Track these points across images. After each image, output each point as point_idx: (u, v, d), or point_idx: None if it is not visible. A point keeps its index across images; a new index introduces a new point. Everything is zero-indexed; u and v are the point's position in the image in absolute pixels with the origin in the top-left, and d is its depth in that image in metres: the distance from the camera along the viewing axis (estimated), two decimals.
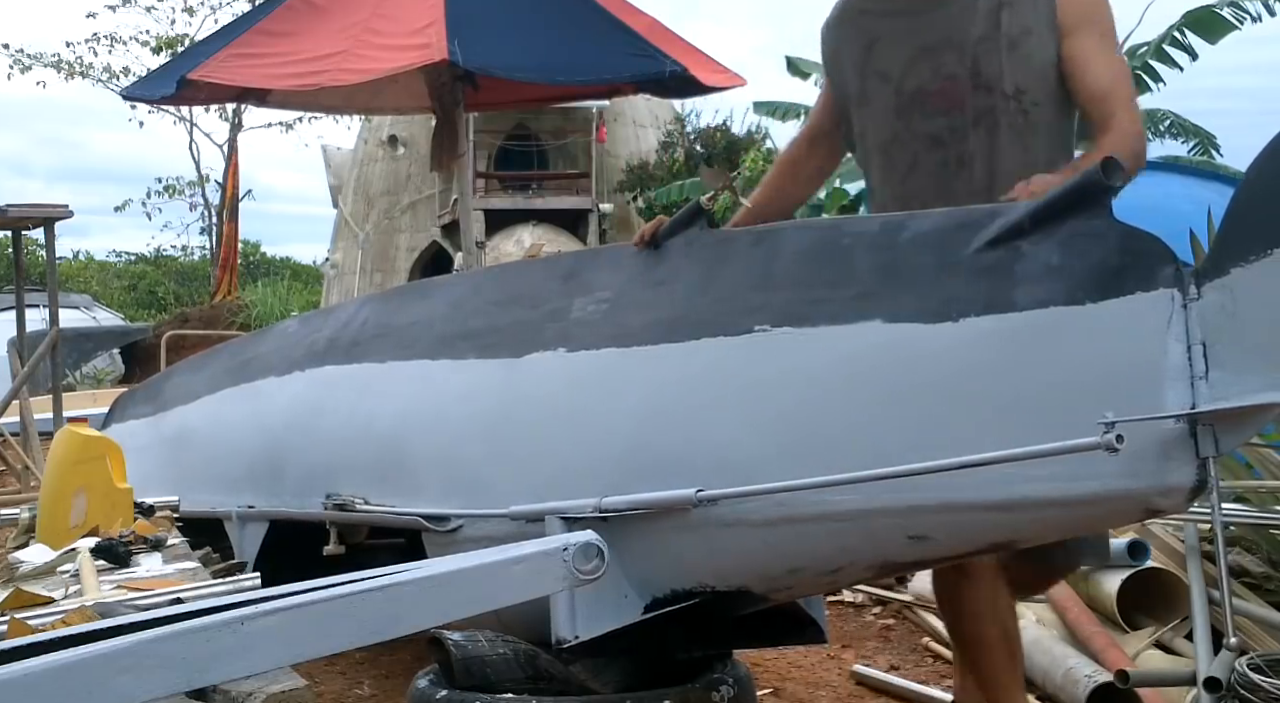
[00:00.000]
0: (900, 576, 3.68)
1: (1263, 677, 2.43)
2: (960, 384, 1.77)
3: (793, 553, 2.04)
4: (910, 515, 1.85)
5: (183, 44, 22.34)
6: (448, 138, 6.83)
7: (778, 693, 2.90)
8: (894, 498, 1.83)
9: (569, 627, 2.10)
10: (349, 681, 3.01)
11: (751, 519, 2.02)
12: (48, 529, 3.78)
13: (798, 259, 2.11)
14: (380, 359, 2.88)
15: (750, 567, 2.12)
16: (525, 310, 2.52)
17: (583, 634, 2.10)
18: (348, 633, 1.38)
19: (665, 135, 18.82)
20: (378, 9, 6.35)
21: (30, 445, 6.68)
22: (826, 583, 2.28)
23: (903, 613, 3.56)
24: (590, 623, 2.13)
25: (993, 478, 1.69)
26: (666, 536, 2.10)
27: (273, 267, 31.63)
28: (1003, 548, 1.95)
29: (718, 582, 2.15)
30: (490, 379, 2.46)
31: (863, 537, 1.95)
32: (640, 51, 6.53)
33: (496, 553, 1.45)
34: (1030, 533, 1.85)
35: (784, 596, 2.22)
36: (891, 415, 1.83)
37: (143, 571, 3.18)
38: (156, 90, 6.96)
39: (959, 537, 1.85)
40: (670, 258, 2.30)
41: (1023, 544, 1.91)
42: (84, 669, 1.27)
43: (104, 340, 17.20)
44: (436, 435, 2.53)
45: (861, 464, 1.80)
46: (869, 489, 1.82)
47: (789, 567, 2.07)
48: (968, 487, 1.73)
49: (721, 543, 2.09)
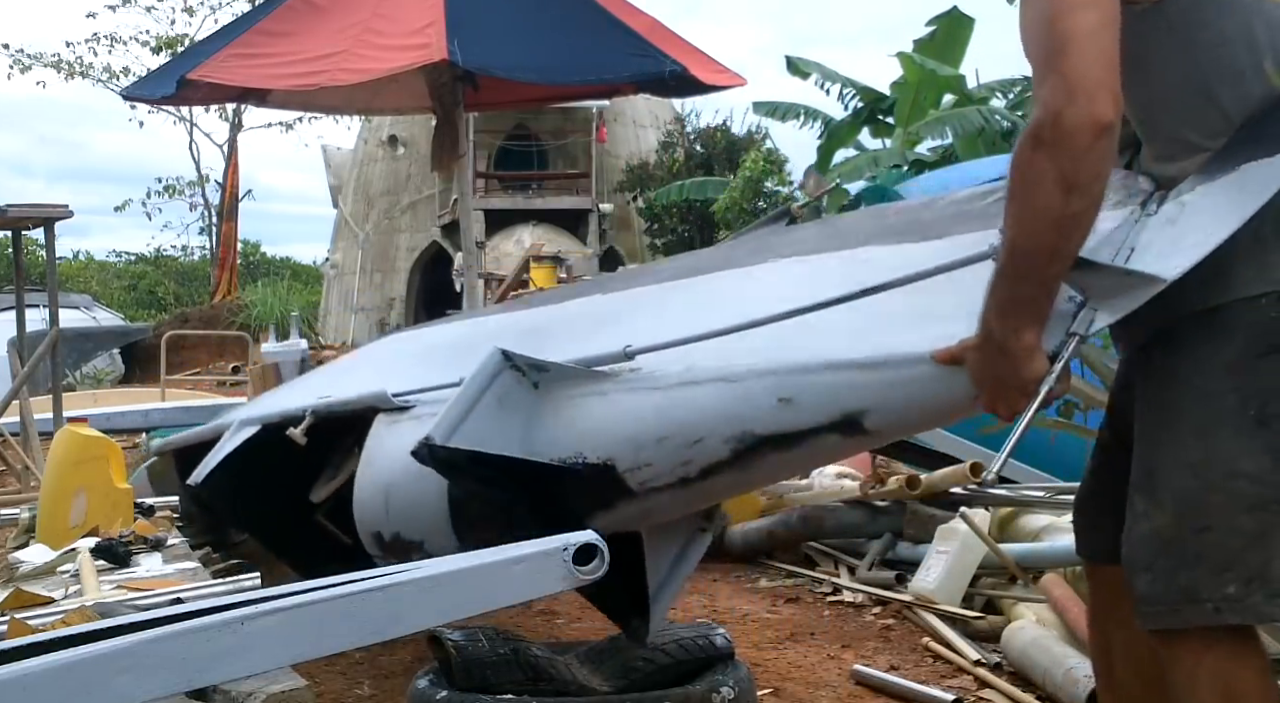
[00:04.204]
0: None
1: None
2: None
3: (669, 419, 2.21)
4: (785, 376, 2.06)
5: (183, 44, 22.34)
6: (448, 138, 6.83)
7: (778, 693, 2.90)
8: (776, 358, 2.08)
9: (445, 431, 2.28)
10: (349, 681, 3.01)
11: (656, 382, 2.25)
12: (48, 529, 3.78)
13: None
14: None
15: (625, 433, 2.27)
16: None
17: (440, 439, 2.26)
18: (348, 633, 1.38)
19: (665, 135, 18.83)
20: (378, 9, 6.35)
21: (30, 445, 6.68)
22: (681, 466, 2.28)
23: (903, 613, 3.56)
24: (470, 438, 2.30)
25: (865, 337, 1.91)
26: (578, 399, 2.35)
27: (273, 267, 31.63)
28: (860, 420, 1.99)
29: (591, 452, 2.30)
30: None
31: (738, 398, 2.12)
32: (640, 51, 6.53)
33: (496, 553, 1.45)
34: (891, 400, 1.93)
35: (641, 478, 2.28)
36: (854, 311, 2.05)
37: (143, 571, 3.18)
38: (156, 90, 6.96)
39: (819, 401, 2.01)
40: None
41: (881, 420, 1.96)
42: (84, 669, 1.27)
43: (104, 340, 17.20)
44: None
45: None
46: (762, 348, 2.10)
47: (659, 435, 2.22)
48: (841, 349, 1.97)
49: (620, 406, 2.30)
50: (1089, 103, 1.36)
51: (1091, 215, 1.43)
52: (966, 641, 3.14)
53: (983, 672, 2.92)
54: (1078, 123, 1.36)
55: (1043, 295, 1.49)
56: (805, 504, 4.48)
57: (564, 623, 3.59)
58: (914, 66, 12.29)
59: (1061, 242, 1.43)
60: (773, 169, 14.25)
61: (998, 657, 3.00)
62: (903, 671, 3.02)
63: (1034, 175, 1.40)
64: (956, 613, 3.33)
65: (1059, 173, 1.38)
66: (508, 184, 19.21)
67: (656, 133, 19.31)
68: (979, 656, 3.01)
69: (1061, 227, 1.42)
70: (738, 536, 4.45)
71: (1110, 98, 1.37)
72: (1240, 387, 1.47)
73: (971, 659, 3.00)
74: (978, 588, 3.47)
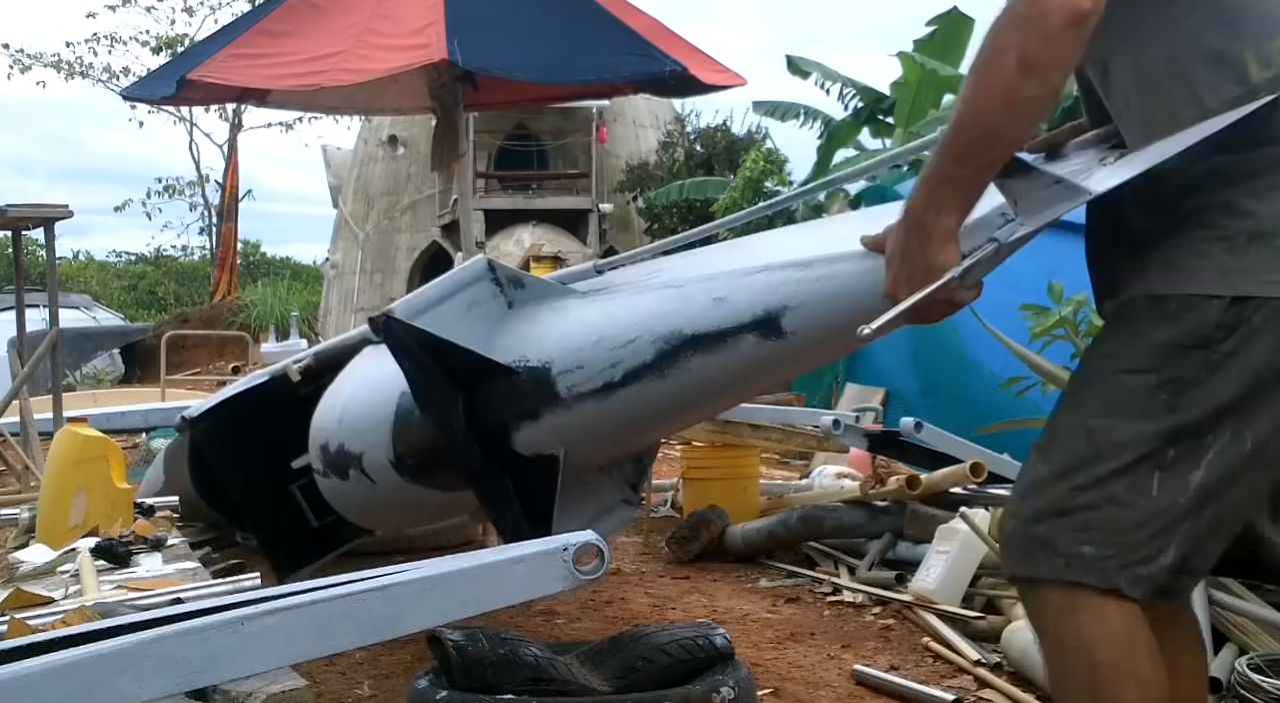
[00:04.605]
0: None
1: (1263, 677, 2.44)
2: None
3: (612, 320, 2.32)
4: (726, 278, 2.15)
5: (183, 44, 22.36)
6: (448, 138, 6.83)
7: (778, 693, 2.90)
8: (726, 267, 2.18)
9: (408, 311, 2.44)
10: (349, 681, 3.01)
11: (613, 292, 2.39)
12: (48, 529, 3.78)
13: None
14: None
15: (568, 337, 2.39)
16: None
17: (401, 315, 2.41)
18: (348, 633, 1.38)
19: (665, 135, 18.82)
20: (378, 9, 6.35)
21: (30, 445, 6.68)
22: (609, 368, 2.33)
23: (903, 613, 3.56)
24: (431, 324, 2.43)
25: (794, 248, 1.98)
26: (542, 312, 2.51)
27: (273, 267, 31.64)
28: (778, 319, 2.03)
29: (534, 355, 2.43)
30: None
31: (678, 299, 2.22)
32: (640, 51, 6.53)
33: (496, 553, 1.45)
34: (810, 296, 1.97)
35: (570, 382, 2.36)
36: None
37: (143, 571, 3.18)
38: (156, 90, 6.96)
39: (747, 298, 2.08)
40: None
41: (798, 318, 2.00)
42: (84, 669, 1.27)
43: (104, 340, 17.21)
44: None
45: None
46: (718, 263, 2.24)
47: (598, 337, 2.32)
48: (768, 256, 2.07)
49: (573, 314, 2.43)
50: None
51: (1043, 104, 1.43)
52: (966, 641, 3.14)
53: (983, 672, 2.92)
54: (1054, 5, 1.37)
55: (974, 179, 1.49)
56: (805, 505, 4.48)
57: (564, 623, 3.59)
58: (914, 66, 12.29)
59: (1008, 123, 1.44)
60: (773, 169, 14.25)
61: (998, 657, 3.00)
62: (903, 671, 3.02)
63: (998, 49, 1.41)
64: (956, 613, 3.33)
65: (1023, 50, 1.39)
66: (508, 184, 19.21)
67: (656, 133, 19.30)
68: (979, 656, 3.01)
69: (1011, 107, 1.42)
70: (738, 535, 4.45)
71: None
72: (1161, 370, 1.48)
73: (971, 659, 3.00)
74: (978, 588, 3.47)
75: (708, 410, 3.29)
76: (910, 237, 1.53)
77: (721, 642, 2.40)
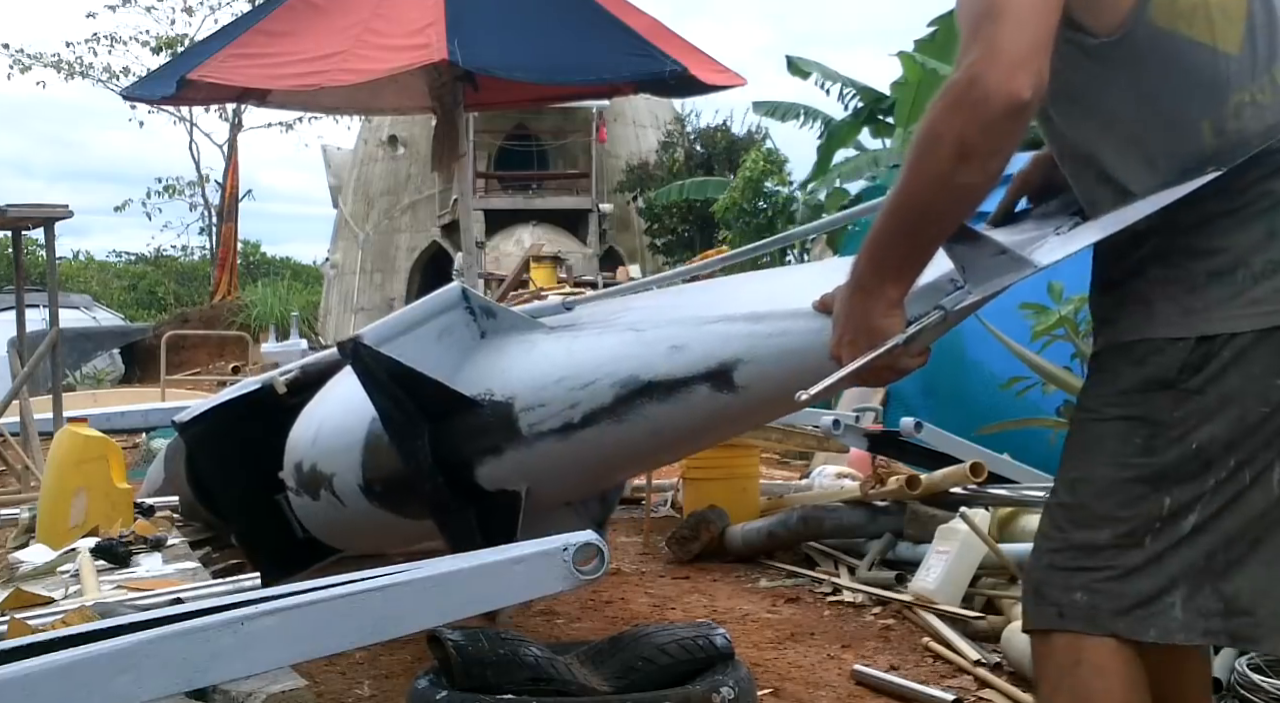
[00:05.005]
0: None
1: (1263, 677, 2.44)
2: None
3: (574, 360, 2.35)
4: (685, 326, 2.19)
5: (183, 44, 22.35)
6: (448, 138, 6.83)
7: (778, 693, 2.90)
8: (688, 315, 2.25)
9: (377, 337, 2.48)
10: (349, 681, 3.00)
11: (578, 330, 2.42)
12: (48, 529, 3.78)
13: None
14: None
15: (532, 373, 2.42)
16: None
17: (369, 341, 2.45)
18: (348, 633, 1.38)
19: (665, 135, 18.83)
20: (378, 9, 6.35)
21: (30, 445, 6.68)
22: (569, 409, 2.35)
23: (903, 613, 3.55)
24: (399, 351, 2.46)
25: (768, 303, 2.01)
26: (511, 345, 2.56)
27: (273, 267, 31.63)
28: (730, 372, 2.06)
29: (499, 389, 2.45)
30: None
31: (638, 344, 2.25)
32: (640, 51, 6.53)
33: (496, 553, 1.45)
34: (762, 351, 2.00)
35: (532, 420, 2.38)
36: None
37: (143, 571, 3.18)
38: (156, 90, 6.97)
39: (703, 349, 2.11)
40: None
41: (750, 372, 2.03)
42: (84, 669, 1.27)
43: (104, 340, 17.21)
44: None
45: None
46: (685, 307, 2.31)
47: (560, 376, 2.35)
48: (729, 305, 2.11)
49: (538, 350, 2.46)
50: (1009, 77, 1.32)
51: (981, 191, 1.40)
52: (966, 641, 3.14)
53: (983, 672, 2.92)
54: (993, 92, 1.32)
55: (915, 255, 1.48)
56: (805, 505, 4.48)
57: (564, 623, 3.59)
58: (914, 66, 12.29)
59: (944, 207, 1.42)
60: (773, 169, 14.24)
61: (998, 657, 3.00)
62: (903, 671, 3.02)
63: (935, 134, 1.37)
64: (956, 613, 3.32)
65: (959, 138, 1.35)
66: (508, 184, 19.22)
67: (656, 133, 19.31)
68: (979, 656, 3.01)
69: (947, 192, 1.39)
70: (738, 535, 4.45)
71: (1031, 79, 1.32)
72: (1130, 415, 1.48)
73: (971, 659, 3.00)
74: (978, 588, 3.47)
75: (665, 458, 3.31)
76: (855, 300, 1.52)
77: (721, 642, 2.40)
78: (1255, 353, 1.42)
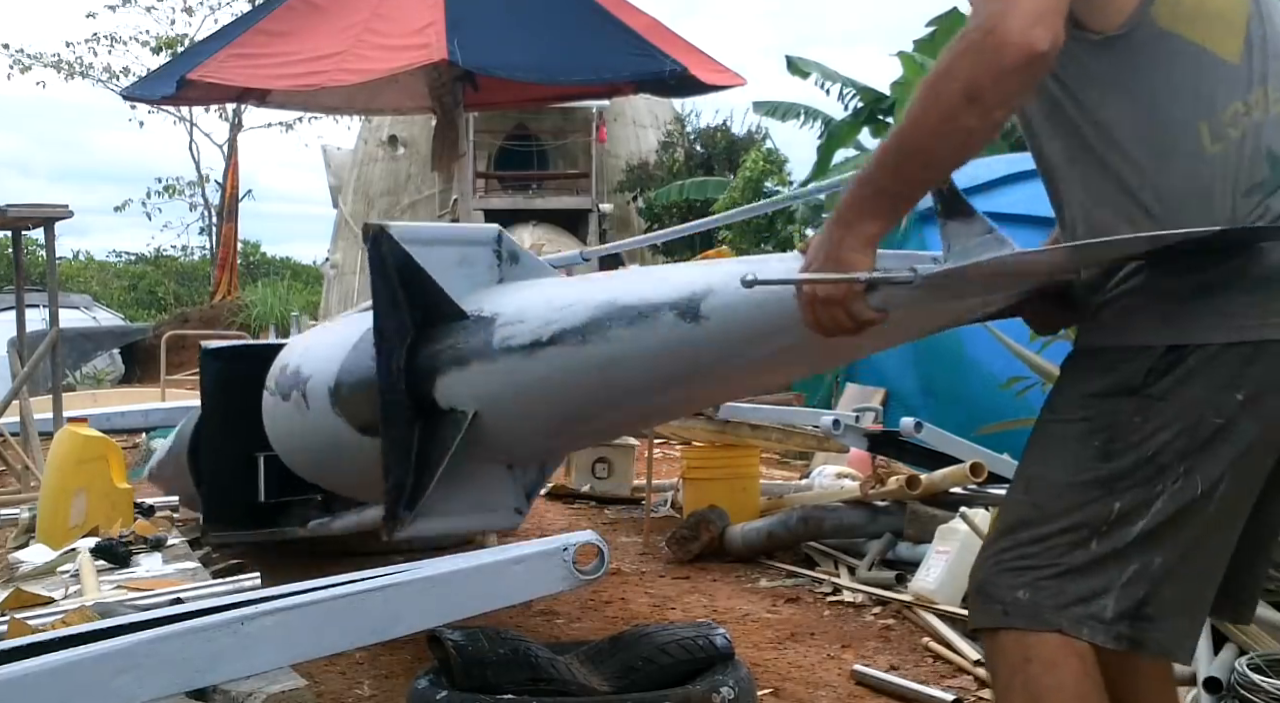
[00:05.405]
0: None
1: (1263, 677, 2.43)
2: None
3: (566, 287, 2.43)
4: (683, 269, 2.28)
5: (183, 44, 22.36)
6: (448, 138, 6.84)
7: (778, 693, 2.90)
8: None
9: (405, 233, 2.54)
10: (349, 681, 3.00)
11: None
12: (48, 529, 3.78)
13: None
14: None
15: (522, 295, 2.50)
16: None
17: (394, 232, 2.53)
18: (348, 633, 1.38)
19: (665, 135, 18.81)
20: (378, 9, 6.36)
21: (30, 445, 6.67)
22: (544, 325, 2.40)
23: (903, 613, 3.55)
24: (420, 255, 2.53)
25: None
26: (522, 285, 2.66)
27: (273, 267, 31.58)
28: (698, 303, 2.08)
29: (489, 307, 2.52)
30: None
31: (635, 277, 2.34)
32: (640, 51, 6.54)
33: (496, 553, 1.45)
34: (732, 286, 2.00)
35: (506, 333, 2.43)
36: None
37: (143, 571, 3.18)
38: (156, 90, 6.98)
39: (682, 279, 2.16)
40: None
41: (716, 302, 2.05)
42: (84, 669, 1.27)
43: (104, 340, 17.19)
44: None
45: None
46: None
47: (547, 298, 2.43)
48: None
49: (543, 285, 2.56)
50: (1027, 28, 1.32)
51: (981, 137, 1.39)
52: (966, 641, 3.14)
53: (983, 672, 2.92)
54: (1009, 40, 1.32)
55: (902, 195, 1.47)
56: (805, 505, 4.49)
57: (564, 623, 3.59)
58: (914, 66, 12.29)
59: (942, 149, 1.41)
60: (773, 169, 14.25)
61: None
62: (903, 671, 3.02)
63: (947, 74, 1.37)
64: (956, 613, 3.32)
65: (971, 80, 1.35)
66: (508, 184, 19.20)
67: (656, 133, 19.29)
68: (979, 656, 3.01)
69: (949, 134, 1.39)
70: (738, 535, 4.45)
71: (1048, 34, 1.33)
72: (1091, 418, 1.48)
73: (971, 659, 3.00)
74: None
75: (619, 412, 2.99)
76: (832, 230, 1.52)
77: (721, 642, 2.40)
78: (1218, 363, 1.43)
